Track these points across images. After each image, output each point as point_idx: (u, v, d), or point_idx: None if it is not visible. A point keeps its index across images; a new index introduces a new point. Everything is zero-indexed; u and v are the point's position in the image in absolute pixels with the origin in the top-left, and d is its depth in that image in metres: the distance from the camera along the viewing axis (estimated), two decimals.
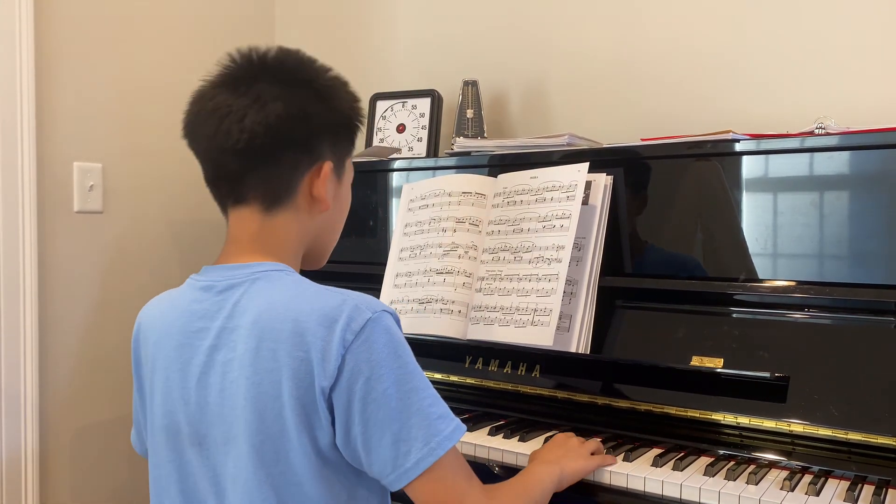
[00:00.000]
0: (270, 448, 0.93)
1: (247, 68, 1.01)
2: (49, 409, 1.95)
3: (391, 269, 1.62)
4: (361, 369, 0.91)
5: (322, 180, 1.03)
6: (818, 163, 1.33)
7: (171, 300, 1.07)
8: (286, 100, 0.98)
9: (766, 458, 1.23)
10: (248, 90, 0.98)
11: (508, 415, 1.48)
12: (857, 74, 1.61)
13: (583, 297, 1.40)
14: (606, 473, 1.20)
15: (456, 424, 0.96)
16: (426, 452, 0.92)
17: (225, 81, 1.01)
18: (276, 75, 1.00)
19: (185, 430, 1.01)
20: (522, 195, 1.49)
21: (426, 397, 0.94)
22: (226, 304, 0.99)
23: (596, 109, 1.94)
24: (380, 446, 0.92)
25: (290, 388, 0.92)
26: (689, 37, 1.81)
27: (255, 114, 0.97)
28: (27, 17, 1.86)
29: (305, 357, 0.91)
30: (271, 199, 1.01)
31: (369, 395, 0.91)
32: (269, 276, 0.99)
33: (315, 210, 1.05)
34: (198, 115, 1.01)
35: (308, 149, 1.02)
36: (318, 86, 1.03)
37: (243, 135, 0.97)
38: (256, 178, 1.00)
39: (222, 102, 0.98)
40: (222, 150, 0.99)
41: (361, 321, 0.92)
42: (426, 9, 2.21)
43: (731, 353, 1.29)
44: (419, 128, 1.99)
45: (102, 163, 2.05)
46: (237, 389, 0.95)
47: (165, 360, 1.03)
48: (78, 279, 2.01)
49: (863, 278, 1.28)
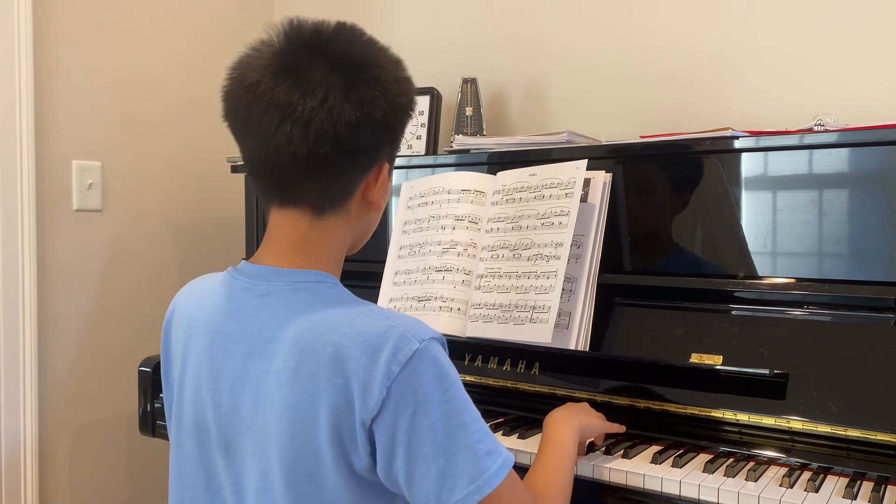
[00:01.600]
0: (303, 470, 0.89)
1: (306, 52, 0.92)
2: (48, 407, 1.95)
3: (390, 267, 1.62)
4: (408, 402, 0.86)
5: (380, 185, 0.98)
6: (817, 160, 1.33)
7: (209, 292, 1.02)
8: (354, 103, 0.90)
9: (766, 454, 1.23)
10: (313, 87, 0.89)
11: (508, 412, 1.48)
12: (856, 71, 1.61)
13: (582, 294, 1.40)
14: (606, 470, 1.20)
15: (503, 460, 0.91)
16: (472, 490, 0.88)
17: (284, 68, 0.90)
18: (344, 63, 0.92)
19: (213, 432, 0.97)
20: (521, 193, 1.49)
21: (474, 433, 0.89)
22: (264, 310, 0.94)
23: (595, 107, 1.94)
24: (423, 481, 0.88)
25: (327, 415, 0.87)
26: (688, 34, 1.80)
27: (322, 121, 0.89)
28: (26, 15, 1.86)
29: (345, 385, 0.87)
30: (325, 204, 0.95)
31: (414, 429, 0.87)
32: (311, 289, 0.94)
33: (366, 212, 1.00)
34: (250, 107, 0.91)
35: (369, 154, 0.95)
36: (386, 83, 0.94)
37: (307, 141, 0.89)
38: (313, 184, 0.94)
39: (283, 98, 0.89)
40: (280, 152, 0.90)
41: (409, 352, 0.86)
42: (425, 7, 2.21)
43: (731, 350, 1.29)
44: (418, 125, 1.99)
45: (101, 161, 2.05)
46: (271, 406, 0.91)
47: (197, 358, 0.99)
48: (77, 277, 2.01)
49: (862, 275, 1.28)
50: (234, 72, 0.94)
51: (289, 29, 0.95)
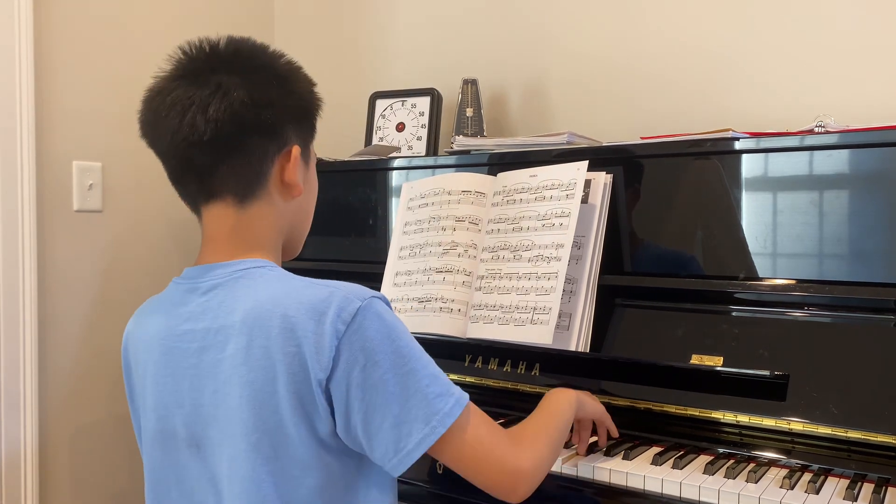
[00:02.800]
0: (268, 444, 0.93)
1: (202, 60, 1.00)
2: (48, 408, 1.95)
3: (391, 268, 1.62)
4: (357, 358, 0.91)
5: (293, 165, 1.02)
6: (818, 161, 1.33)
7: (156, 305, 1.07)
8: (248, 87, 0.97)
9: (766, 456, 1.23)
10: (208, 81, 0.96)
11: (508, 413, 1.47)
12: (856, 72, 1.61)
13: (582, 295, 1.40)
14: (606, 472, 1.20)
15: (455, 399, 0.94)
16: (427, 432, 0.92)
17: (182, 74, 0.99)
18: (233, 64, 0.99)
19: (181, 433, 1.00)
20: (522, 194, 1.49)
21: (424, 377, 0.93)
22: (210, 304, 0.98)
23: (595, 108, 1.94)
24: (381, 431, 0.92)
25: (285, 383, 0.91)
26: (689, 35, 1.80)
27: (219, 102, 0.95)
28: (26, 16, 1.85)
29: (298, 351, 0.91)
30: (244, 190, 1.00)
31: (366, 382, 0.91)
32: (251, 274, 0.98)
33: (288, 196, 1.04)
34: (157, 112, 0.98)
35: (275, 134, 1.00)
36: (277, 72, 1.02)
37: (209, 125, 0.95)
38: (227, 170, 0.99)
39: (182, 95, 0.96)
40: (189, 144, 0.96)
41: (352, 310, 0.91)
42: (426, 8, 2.21)
43: (731, 351, 1.29)
44: (419, 126, 1.99)
45: (102, 162, 2.05)
46: (230, 389, 0.94)
47: (155, 366, 1.02)
48: (77, 278, 2.01)
49: (862, 276, 1.28)
50: (143, 99, 1.02)
51: (188, 46, 1.02)
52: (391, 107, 2.05)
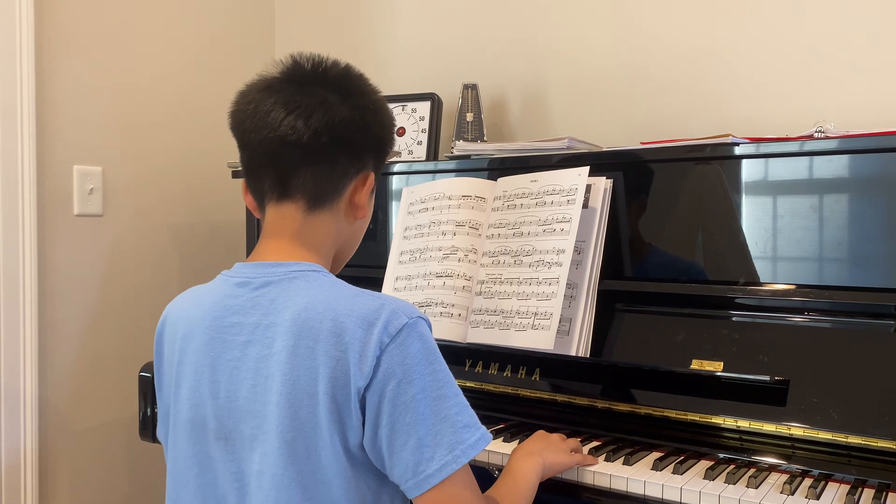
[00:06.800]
0: (302, 444, 0.94)
1: (311, 72, 1.06)
2: (49, 411, 1.95)
3: (391, 273, 1.62)
4: (394, 372, 0.93)
5: (366, 189, 1.08)
6: (818, 166, 1.33)
7: (202, 295, 1.08)
8: (349, 108, 1.04)
9: (766, 461, 1.23)
10: (316, 92, 1.03)
11: (508, 418, 1.47)
12: (856, 78, 1.62)
13: (583, 300, 1.40)
14: (606, 477, 1.20)
15: (481, 434, 0.96)
16: (450, 459, 0.93)
17: (291, 79, 1.05)
18: (339, 84, 1.06)
19: (211, 424, 1.01)
20: (522, 199, 1.49)
21: (454, 405, 0.95)
22: (262, 300, 1.00)
23: (596, 113, 1.94)
24: (404, 449, 0.93)
25: (325, 386, 0.93)
26: (689, 40, 1.81)
27: (322, 114, 1.02)
28: (27, 20, 1.86)
29: (343, 357, 0.93)
30: (317, 198, 1.05)
31: (398, 398, 0.92)
32: (306, 276, 1.01)
33: (352, 216, 1.09)
34: (260, 105, 1.03)
35: (359, 157, 1.07)
36: (372, 101, 1.09)
37: (309, 130, 1.01)
38: (309, 175, 1.03)
39: (289, 98, 1.02)
40: (284, 142, 1.01)
41: (398, 325, 0.94)
42: (426, 12, 2.22)
43: (731, 356, 1.29)
44: (419, 131, 1.99)
45: (102, 166, 2.06)
46: (271, 385, 0.96)
47: (195, 354, 1.03)
48: (78, 282, 2.01)
49: (862, 281, 1.28)
50: (242, 92, 1.08)
51: (300, 57, 1.08)
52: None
